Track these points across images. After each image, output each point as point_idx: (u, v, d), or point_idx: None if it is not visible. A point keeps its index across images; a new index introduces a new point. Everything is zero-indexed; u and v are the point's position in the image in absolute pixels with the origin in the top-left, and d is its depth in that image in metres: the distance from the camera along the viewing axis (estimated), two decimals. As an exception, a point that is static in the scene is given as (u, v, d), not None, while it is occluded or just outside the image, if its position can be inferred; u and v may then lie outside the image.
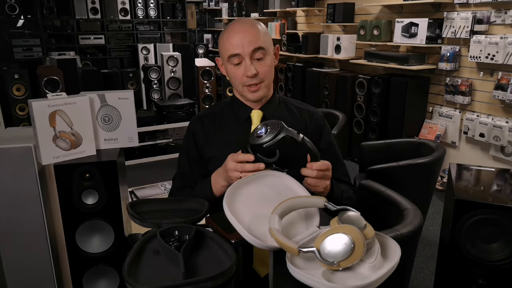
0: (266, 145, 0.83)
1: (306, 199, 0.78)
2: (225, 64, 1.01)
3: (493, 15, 2.63)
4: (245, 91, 1.01)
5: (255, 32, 0.96)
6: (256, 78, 0.97)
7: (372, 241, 0.66)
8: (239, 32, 0.96)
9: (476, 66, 2.80)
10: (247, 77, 0.97)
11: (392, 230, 0.99)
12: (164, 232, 0.74)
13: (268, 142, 0.84)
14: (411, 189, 1.73)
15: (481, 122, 2.74)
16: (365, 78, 3.43)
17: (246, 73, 0.96)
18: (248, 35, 0.95)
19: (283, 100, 1.10)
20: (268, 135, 0.84)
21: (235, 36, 0.96)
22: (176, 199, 0.93)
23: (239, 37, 0.95)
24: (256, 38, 0.95)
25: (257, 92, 1.00)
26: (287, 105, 1.10)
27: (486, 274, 1.12)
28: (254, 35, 0.95)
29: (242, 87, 1.00)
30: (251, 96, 1.01)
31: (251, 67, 0.95)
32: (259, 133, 0.86)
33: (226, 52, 0.97)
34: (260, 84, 0.99)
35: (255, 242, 0.68)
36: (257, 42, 0.95)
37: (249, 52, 0.95)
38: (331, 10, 3.80)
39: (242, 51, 0.95)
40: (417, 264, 2.08)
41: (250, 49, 0.95)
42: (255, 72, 0.96)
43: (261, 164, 0.85)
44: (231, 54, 0.96)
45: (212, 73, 3.81)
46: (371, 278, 0.60)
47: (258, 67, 0.96)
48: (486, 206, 1.09)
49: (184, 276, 0.65)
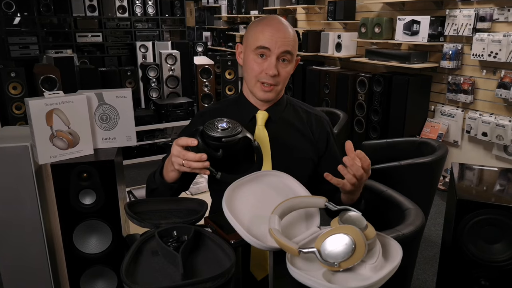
0: (227, 139, 0.81)
1: (306, 199, 0.77)
2: (248, 53, 0.98)
3: (496, 13, 2.61)
4: (256, 87, 0.98)
5: (291, 35, 0.96)
6: (274, 79, 0.96)
7: (373, 241, 0.65)
8: (276, 29, 0.95)
9: (478, 64, 2.78)
10: (267, 74, 0.95)
11: (393, 231, 0.98)
12: (162, 233, 0.73)
13: (229, 137, 0.81)
14: (413, 189, 1.72)
15: (483, 121, 2.73)
16: (366, 76, 3.41)
17: (268, 70, 0.95)
18: (284, 35, 0.94)
19: (291, 103, 1.09)
20: (230, 131, 0.82)
21: (273, 31, 0.95)
22: (175, 199, 0.92)
23: (275, 33, 0.94)
24: (289, 41, 0.95)
25: (268, 93, 0.98)
26: (295, 108, 1.08)
27: (489, 275, 1.10)
28: (289, 37, 0.95)
29: (255, 82, 0.98)
30: (260, 94, 0.98)
31: (274, 67, 0.94)
32: (220, 126, 0.83)
33: (256, 42, 0.96)
34: (274, 86, 0.98)
35: (255, 243, 0.67)
36: (289, 46, 0.95)
37: (279, 52, 0.94)
38: (332, 7, 3.79)
39: (273, 47, 0.94)
40: (419, 265, 2.08)
41: (282, 49, 0.94)
42: (276, 72, 0.95)
43: (203, 155, 0.81)
44: (261, 45, 0.94)
45: (211, 71, 3.80)
46: (373, 279, 0.60)
47: (280, 69, 0.96)
48: (489, 206, 1.08)
49: (183, 277, 0.64)
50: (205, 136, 0.83)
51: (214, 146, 0.83)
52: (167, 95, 3.83)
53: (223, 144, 0.82)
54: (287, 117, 1.04)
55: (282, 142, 1.00)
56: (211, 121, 0.84)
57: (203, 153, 0.81)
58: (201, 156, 0.81)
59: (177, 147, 0.84)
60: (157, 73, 3.87)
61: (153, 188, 0.98)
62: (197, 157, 0.81)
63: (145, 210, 0.83)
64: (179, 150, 0.83)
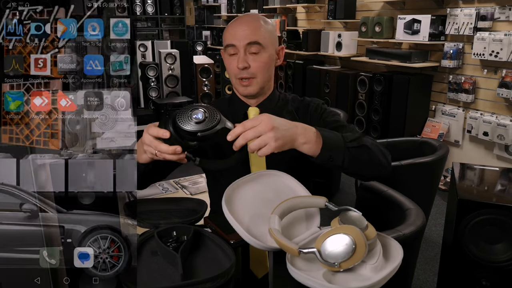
0: (202, 134, 0.72)
1: (307, 199, 0.77)
2: (223, 55, 1.03)
3: (497, 12, 2.60)
4: (237, 84, 1.01)
5: (255, 26, 0.97)
6: (246, 71, 0.97)
7: (374, 242, 0.64)
8: (239, 24, 0.98)
9: (480, 64, 2.78)
10: (238, 69, 0.97)
11: (394, 231, 0.98)
12: (161, 233, 0.73)
13: (204, 132, 0.72)
14: (414, 189, 1.72)
15: (485, 120, 2.72)
16: (366, 75, 3.41)
17: (238, 64, 0.97)
18: (247, 28, 0.96)
19: (283, 97, 1.09)
20: (207, 123, 0.73)
21: (235, 27, 0.98)
22: (174, 199, 0.92)
23: (238, 29, 0.97)
24: (254, 32, 0.96)
25: (248, 87, 0.99)
26: (287, 102, 1.08)
27: (490, 275, 1.10)
28: (253, 29, 0.96)
29: (235, 80, 1.01)
30: (241, 90, 1.01)
31: (243, 59, 0.96)
32: (195, 117, 0.74)
33: (224, 42, 1.00)
34: (252, 79, 0.98)
35: (255, 243, 0.67)
36: (254, 36, 0.96)
37: (244, 45, 0.96)
38: (332, 6, 3.78)
39: (237, 43, 0.96)
40: (419, 265, 2.07)
41: (246, 41, 0.95)
42: (246, 65, 0.96)
43: (177, 148, 0.73)
44: (228, 44, 0.98)
45: (211, 70, 3.79)
46: (373, 280, 0.60)
47: (251, 61, 0.97)
48: (490, 206, 1.08)
49: (182, 278, 0.64)
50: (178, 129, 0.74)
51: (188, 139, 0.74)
52: (167, 94, 3.82)
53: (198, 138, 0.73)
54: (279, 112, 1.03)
55: None
56: (184, 110, 0.75)
57: (177, 146, 0.73)
58: (175, 149, 0.73)
59: (149, 136, 0.76)
60: (157, 72, 3.86)
61: None
62: (171, 150, 0.73)
63: (144, 210, 0.83)
64: (151, 139, 0.76)
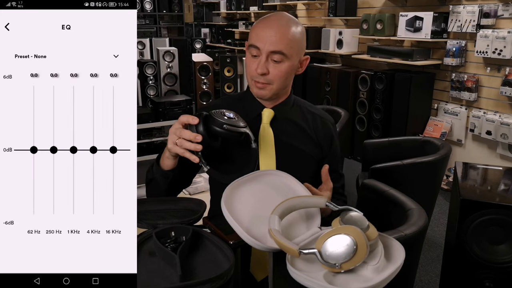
0: (228, 127, 0.80)
1: (307, 199, 0.76)
2: (246, 51, 1.00)
3: (500, 9, 2.58)
4: (252, 84, 0.99)
5: (283, 33, 0.93)
6: (263, 77, 0.95)
7: (375, 242, 0.64)
8: (269, 27, 0.93)
9: (482, 62, 2.76)
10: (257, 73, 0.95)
11: (396, 231, 0.98)
12: (160, 233, 0.72)
13: (232, 126, 0.80)
14: (416, 189, 1.71)
15: (488, 119, 2.70)
16: (368, 73, 3.39)
17: (257, 69, 0.95)
18: (274, 35, 0.92)
19: (298, 103, 1.08)
20: (235, 122, 0.82)
21: (263, 29, 0.94)
22: (173, 199, 0.91)
23: (266, 32, 0.93)
24: (280, 40, 0.92)
25: (261, 90, 0.97)
26: (301, 109, 1.07)
27: (493, 276, 1.09)
28: (280, 36, 0.92)
29: (250, 80, 0.99)
30: (255, 91, 0.99)
31: (263, 65, 0.93)
32: (227, 114, 0.82)
33: (250, 40, 0.96)
34: (267, 85, 0.96)
35: (254, 244, 0.67)
36: (279, 46, 0.92)
37: (267, 51, 0.93)
38: (333, 3, 3.76)
39: (262, 46, 0.93)
40: (421, 266, 2.06)
41: (270, 49, 0.92)
42: (265, 71, 0.94)
43: (198, 135, 0.79)
44: (252, 44, 0.94)
45: (210, 68, 3.78)
46: (374, 281, 0.59)
47: (271, 68, 0.94)
48: (493, 206, 1.07)
49: (181, 279, 0.63)
50: (209, 120, 0.81)
51: (215, 132, 0.81)
52: (165, 92, 3.82)
53: (224, 131, 0.80)
54: (293, 117, 1.03)
55: (286, 142, 1.00)
56: (219, 110, 0.83)
57: (198, 134, 0.79)
58: (196, 137, 0.79)
59: (177, 124, 0.83)
60: (155, 70, 3.85)
61: (150, 178, 0.97)
62: (192, 136, 0.79)
63: (142, 210, 0.82)
64: (177, 127, 0.82)
